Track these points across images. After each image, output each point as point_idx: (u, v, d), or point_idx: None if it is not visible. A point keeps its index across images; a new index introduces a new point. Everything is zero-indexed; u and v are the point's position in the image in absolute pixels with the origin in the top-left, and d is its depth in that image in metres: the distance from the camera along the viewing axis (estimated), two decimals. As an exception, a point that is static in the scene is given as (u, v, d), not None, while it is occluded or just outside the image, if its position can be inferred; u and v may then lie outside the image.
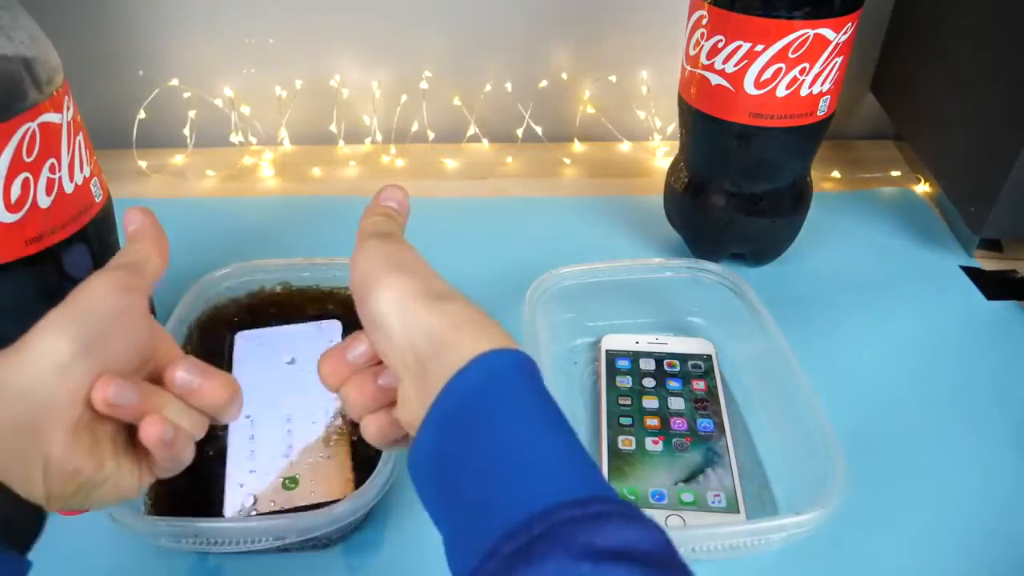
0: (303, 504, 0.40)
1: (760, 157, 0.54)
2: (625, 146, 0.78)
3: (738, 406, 0.49)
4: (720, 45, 0.50)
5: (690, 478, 0.43)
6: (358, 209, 0.36)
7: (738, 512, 0.42)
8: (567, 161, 0.76)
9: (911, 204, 0.69)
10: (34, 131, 0.39)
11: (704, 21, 0.51)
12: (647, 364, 0.51)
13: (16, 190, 0.38)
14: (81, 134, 0.43)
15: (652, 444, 0.45)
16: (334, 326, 0.50)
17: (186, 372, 0.32)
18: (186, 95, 0.74)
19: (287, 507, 0.40)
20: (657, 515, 0.41)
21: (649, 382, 0.49)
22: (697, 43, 0.52)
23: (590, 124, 0.79)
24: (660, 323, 0.55)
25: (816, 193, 0.60)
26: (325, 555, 0.41)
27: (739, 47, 0.49)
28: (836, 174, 0.73)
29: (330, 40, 0.74)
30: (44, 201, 0.40)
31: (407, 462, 0.30)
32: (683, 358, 0.51)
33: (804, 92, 0.50)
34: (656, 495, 0.42)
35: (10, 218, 0.39)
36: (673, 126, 0.79)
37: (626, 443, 0.45)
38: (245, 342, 0.50)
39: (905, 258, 0.63)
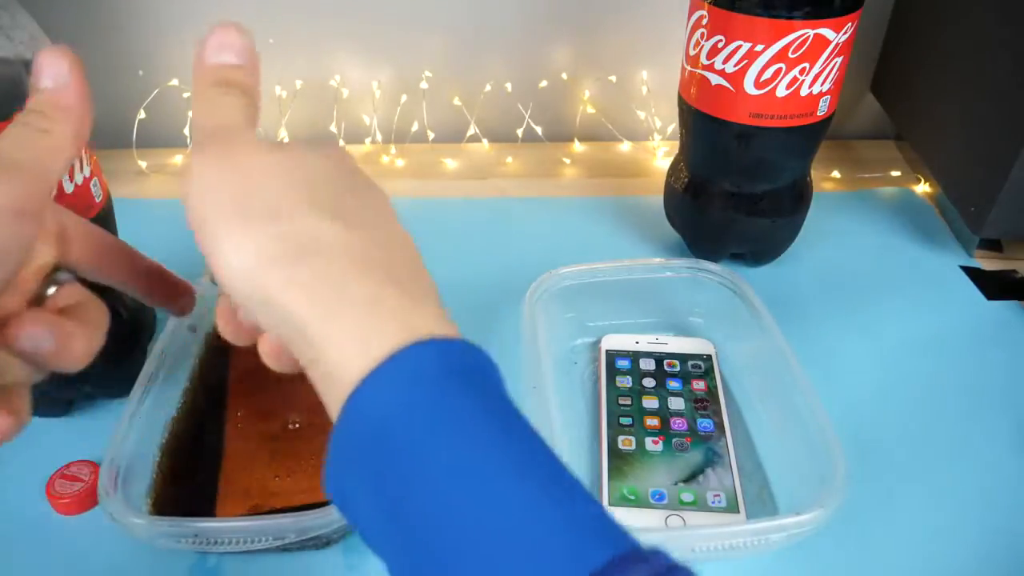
0: (302, 504, 0.40)
1: (760, 157, 0.54)
2: (625, 146, 0.78)
3: (738, 406, 0.49)
4: (720, 45, 0.50)
5: (690, 478, 0.43)
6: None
7: (738, 512, 0.42)
8: (567, 161, 0.76)
9: (911, 204, 0.69)
10: None
11: (704, 21, 0.51)
12: (647, 364, 0.51)
13: None
14: None
15: (652, 444, 0.45)
16: None
17: None
18: (186, 95, 0.74)
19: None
20: (657, 515, 0.41)
21: (649, 382, 0.49)
22: (697, 43, 0.52)
23: (590, 124, 0.79)
24: (660, 323, 0.55)
25: (816, 193, 0.60)
26: (325, 555, 0.41)
27: (739, 47, 0.49)
28: (836, 174, 0.73)
29: (330, 40, 0.74)
30: None
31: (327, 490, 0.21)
32: (683, 358, 0.51)
33: (804, 92, 0.50)
34: (656, 495, 0.42)
35: None
36: (673, 126, 0.79)
37: (626, 443, 0.45)
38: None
39: (905, 258, 0.63)
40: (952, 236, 0.65)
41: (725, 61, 0.50)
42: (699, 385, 0.49)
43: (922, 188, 0.71)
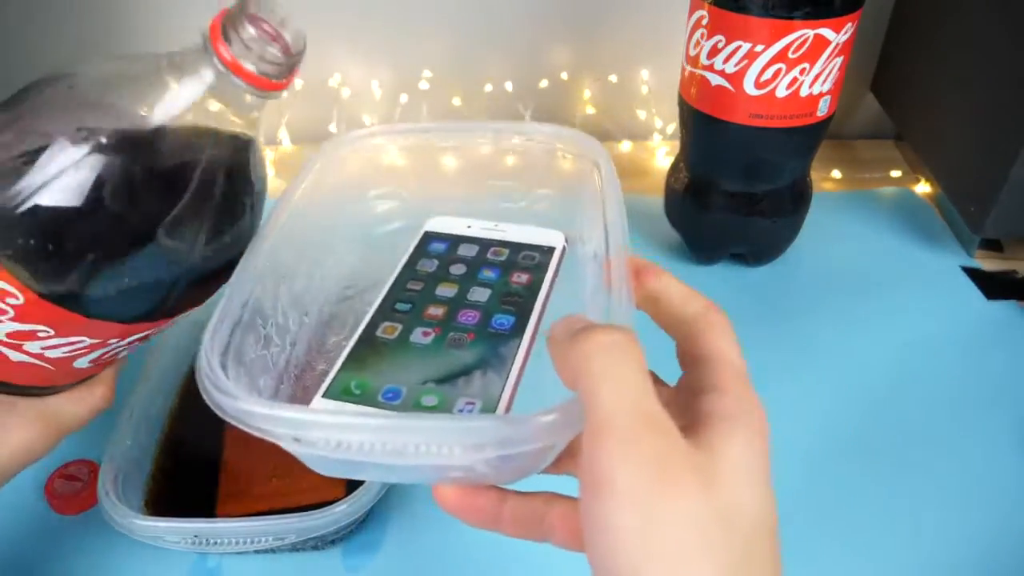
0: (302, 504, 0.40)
1: (760, 157, 0.54)
2: (625, 146, 0.78)
3: (569, 309, 0.33)
4: (720, 45, 0.50)
5: (447, 379, 0.32)
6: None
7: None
8: (567, 161, 0.76)
9: (911, 204, 0.69)
10: None
11: (704, 21, 0.51)
12: (467, 250, 0.39)
13: None
14: None
15: (421, 336, 0.34)
16: None
17: None
18: (186, 95, 0.74)
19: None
20: (378, 414, 0.31)
21: (458, 269, 0.38)
22: (697, 43, 0.52)
23: (590, 124, 0.79)
24: (514, 209, 0.43)
25: (816, 193, 0.59)
26: (325, 555, 0.41)
27: (739, 47, 0.49)
28: (836, 174, 0.73)
29: (330, 40, 0.74)
30: None
31: None
32: (517, 248, 0.39)
33: (804, 92, 0.50)
34: (389, 393, 0.32)
35: None
36: (673, 126, 0.79)
37: (388, 331, 0.35)
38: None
39: (905, 258, 0.63)
40: (952, 236, 0.65)
41: (725, 61, 0.50)
42: (520, 278, 0.38)
43: (922, 188, 0.71)
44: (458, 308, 0.36)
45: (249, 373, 0.32)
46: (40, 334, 0.31)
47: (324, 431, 0.27)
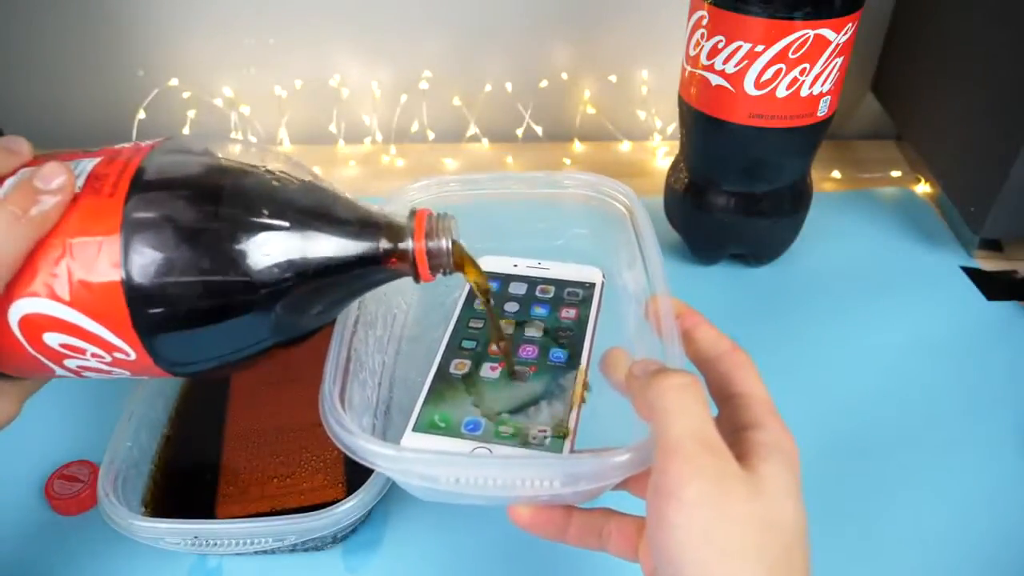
0: (302, 505, 0.41)
1: (760, 158, 0.54)
2: (625, 146, 0.78)
3: (613, 342, 0.38)
4: (720, 45, 0.50)
5: (518, 409, 0.36)
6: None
7: (561, 452, 0.34)
8: (567, 161, 0.76)
9: (911, 204, 0.69)
10: None
11: (704, 21, 0.51)
12: (517, 288, 0.43)
13: None
14: None
15: (489, 370, 0.38)
16: None
17: None
18: (186, 95, 0.74)
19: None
20: (463, 445, 0.34)
21: (512, 307, 0.42)
22: (697, 43, 0.52)
23: (590, 124, 0.79)
24: (549, 247, 0.47)
25: (816, 193, 0.59)
26: (325, 555, 0.41)
27: (739, 47, 0.49)
28: (836, 174, 0.73)
29: (330, 40, 0.74)
30: None
31: None
32: (561, 284, 0.44)
33: (804, 93, 0.50)
34: (470, 424, 0.35)
35: None
36: (673, 126, 0.79)
37: (459, 367, 0.39)
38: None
39: (905, 258, 0.63)
40: (952, 236, 0.65)
41: (725, 61, 0.50)
42: (569, 313, 0.42)
43: (922, 188, 0.71)
44: (518, 344, 0.40)
45: (358, 416, 0.35)
46: (115, 374, 0.32)
47: (446, 469, 0.31)
